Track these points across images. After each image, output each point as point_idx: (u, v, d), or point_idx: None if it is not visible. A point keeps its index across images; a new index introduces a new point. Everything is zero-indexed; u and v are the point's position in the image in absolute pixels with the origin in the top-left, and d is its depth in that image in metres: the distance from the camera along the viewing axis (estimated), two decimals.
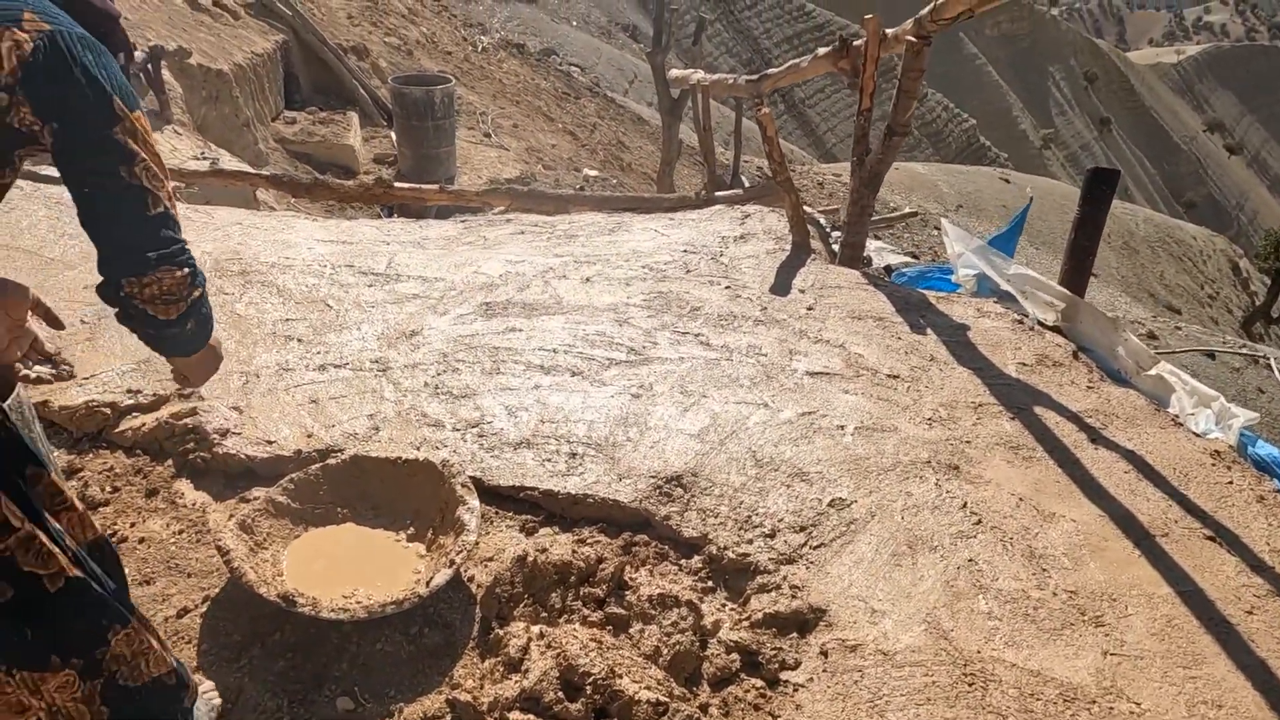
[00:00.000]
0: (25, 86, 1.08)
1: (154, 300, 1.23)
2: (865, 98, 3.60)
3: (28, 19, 1.08)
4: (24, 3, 1.10)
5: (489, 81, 13.33)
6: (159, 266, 1.20)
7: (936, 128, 35.00)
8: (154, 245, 1.20)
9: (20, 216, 3.79)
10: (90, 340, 2.91)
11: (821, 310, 3.27)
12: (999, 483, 2.33)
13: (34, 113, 1.10)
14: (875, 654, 1.80)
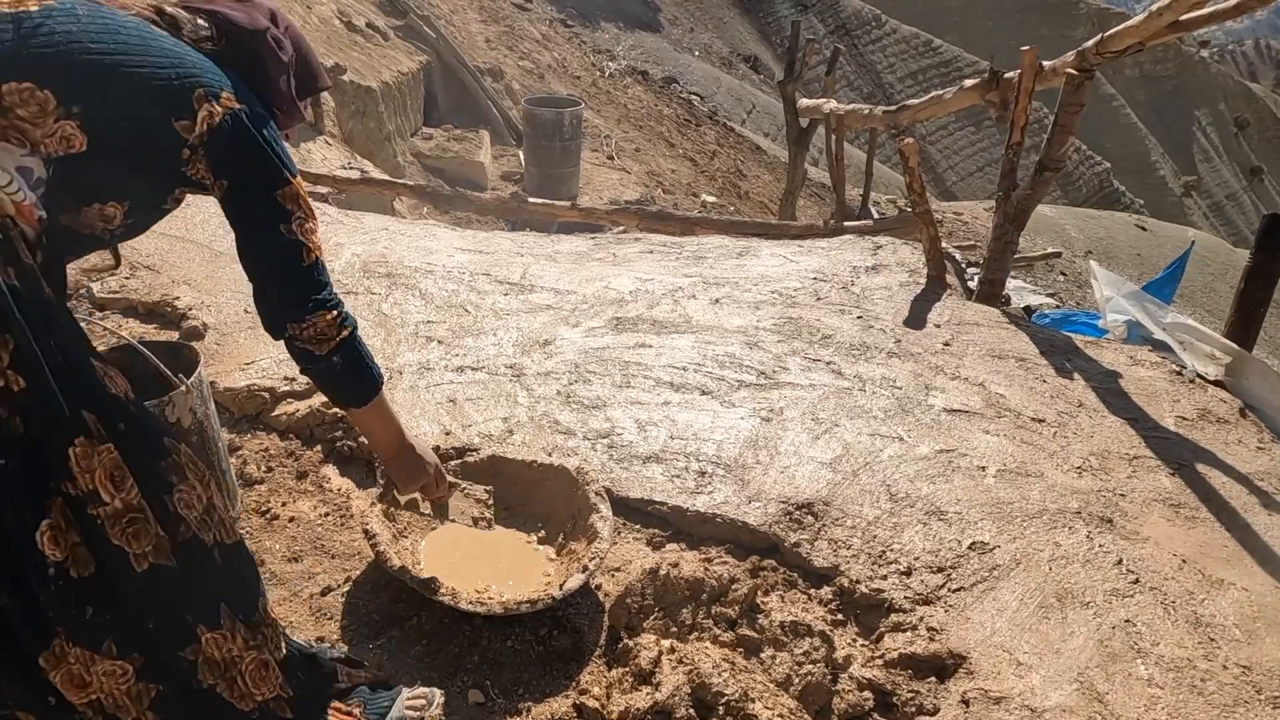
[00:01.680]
0: (208, 148, 1.22)
1: (310, 340, 1.36)
2: (1016, 131, 3.47)
3: (225, 96, 1.23)
4: (225, 82, 1.25)
5: (614, 106, 13.63)
6: (314, 312, 1.34)
7: (1068, 169, 33.50)
8: (308, 293, 1.34)
9: (195, 212, 4.10)
10: (253, 329, 3.11)
11: (959, 347, 3.15)
12: (1158, 541, 2.18)
13: (210, 169, 1.24)
14: (1022, 709, 1.70)
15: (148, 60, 1.15)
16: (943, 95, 4.51)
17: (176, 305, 3.22)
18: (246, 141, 1.25)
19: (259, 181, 1.28)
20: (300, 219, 1.32)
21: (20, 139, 1.04)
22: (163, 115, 1.17)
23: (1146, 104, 43.85)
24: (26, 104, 1.03)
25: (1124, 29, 2.90)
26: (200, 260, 3.62)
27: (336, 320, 1.38)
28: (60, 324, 1.11)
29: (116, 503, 1.12)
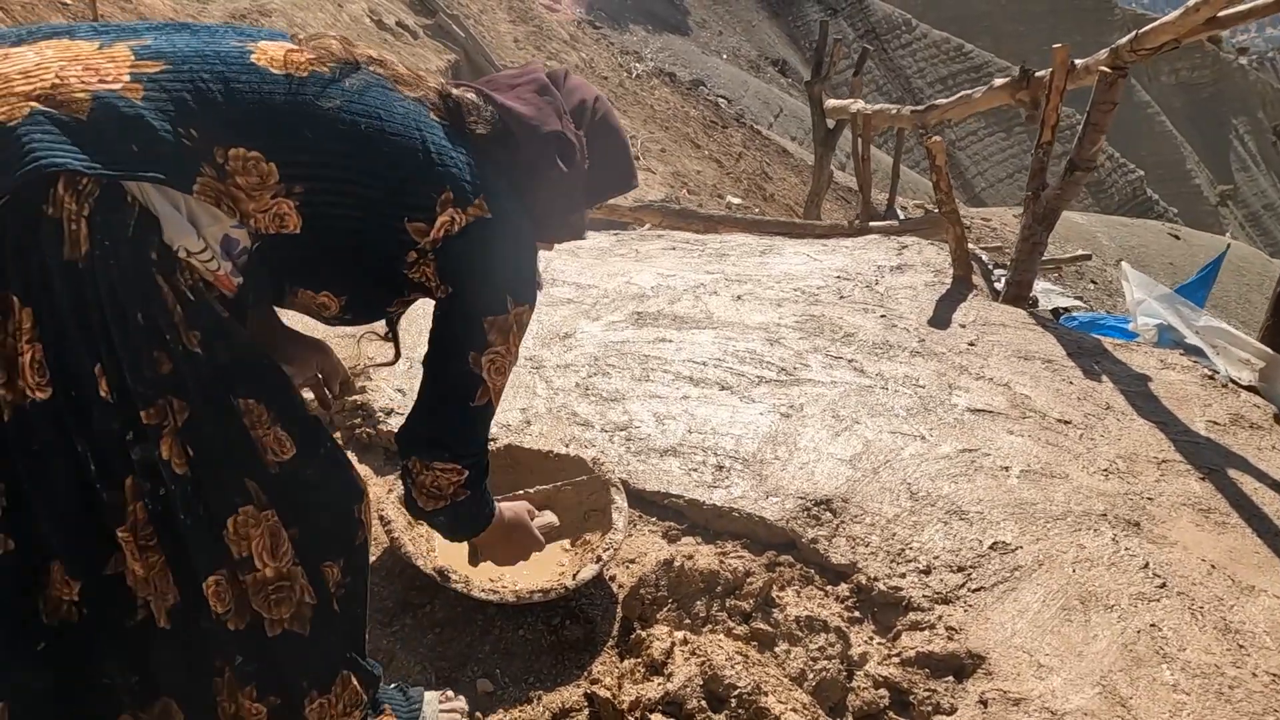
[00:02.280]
0: (439, 253, 1.09)
1: (422, 488, 1.20)
2: (1047, 130, 3.42)
3: (476, 203, 1.09)
4: (484, 186, 1.10)
5: (641, 107, 13.65)
6: (445, 460, 1.17)
7: (1099, 176, 33.00)
8: (456, 435, 1.18)
9: None
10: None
11: (984, 347, 3.11)
12: (1187, 546, 2.12)
13: (436, 274, 1.11)
14: (1042, 710, 1.66)
15: (398, 153, 1.03)
16: (972, 95, 4.46)
17: None
18: (483, 254, 1.10)
19: (477, 300, 1.12)
20: (496, 355, 1.15)
21: (232, 207, 0.94)
22: (395, 215, 1.05)
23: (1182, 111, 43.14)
24: (248, 173, 0.94)
25: (1159, 25, 2.84)
26: None
27: (462, 483, 1.19)
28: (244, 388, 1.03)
29: (268, 570, 1.07)
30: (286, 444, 1.07)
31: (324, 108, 0.98)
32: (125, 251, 0.88)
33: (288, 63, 0.99)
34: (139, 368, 0.91)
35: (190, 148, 0.91)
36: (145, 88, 0.89)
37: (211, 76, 0.93)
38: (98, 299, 0.87)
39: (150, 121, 0.88)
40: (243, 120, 0.93)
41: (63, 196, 0.84)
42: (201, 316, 0.95)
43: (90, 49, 0.91)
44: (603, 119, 1.26)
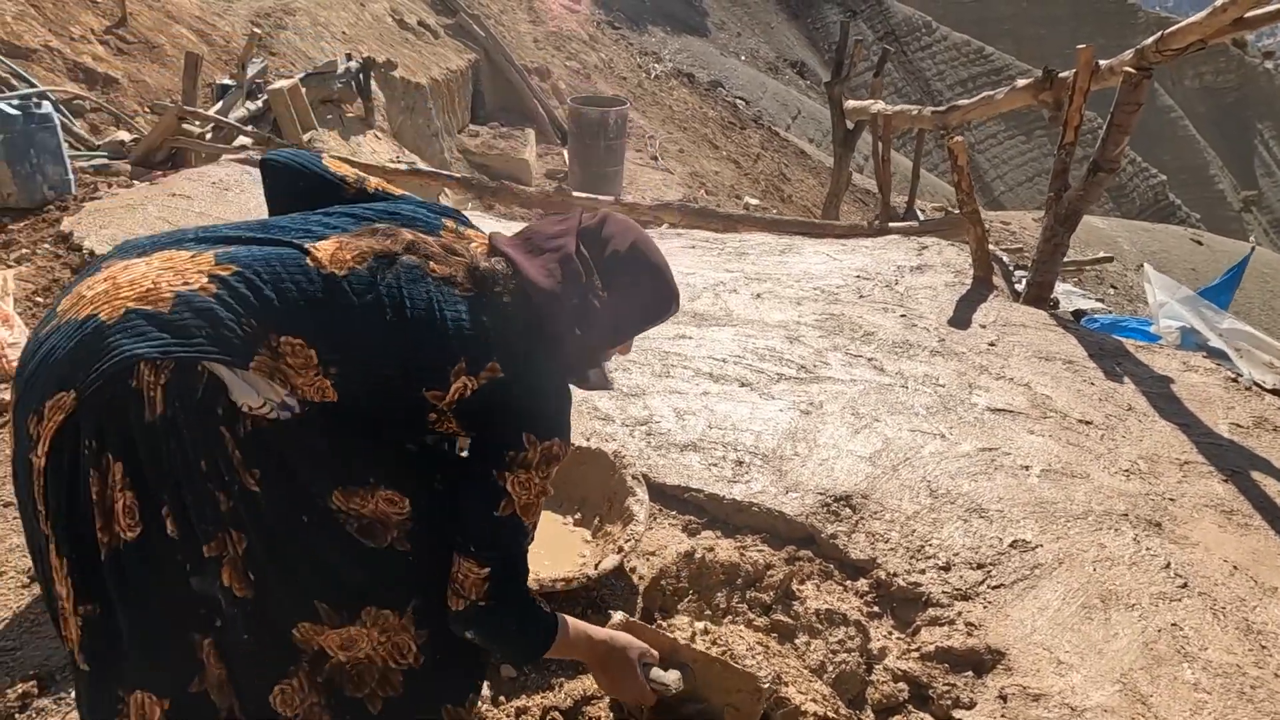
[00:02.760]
0: (456, 413, 1.23)
1: (453, 589, 1.23)
2: (1070, 131, 3.41)
3: (490, 367, 1.21)
4: (500, 352, 1.22)
5: (659, 107, 13.66)
6: (466, 555, 1.22)
7: (1121, 181, 32.66)
8: (476, 536, 1.23)
9: (249, 198, 4.21)
10: None
11: (1004, 347, 3.10)
12: (1209, 547, 2.12)
13: (458, 425, 1.25)
14: (1062, 707, 1.67)
15: (418, 334, 1.18)
16: (994, 95, 4.44)
17: None
18: (500, 408, 1.23)
19: (498, 440, 1.23)
20: (521, 478, 1.23)
21: (284, 381, 1.11)
22: (414, 387, 1.19)
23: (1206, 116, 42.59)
24: (295, 355, 1.11)
25: (1186, 25, 2.83)
26: None
27: (480, 580, 1.21)
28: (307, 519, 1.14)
29: (342, 656, 1.19)
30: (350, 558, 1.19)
31: (355, 303, 1.15)
32: (193, 410, 1.05)
33: (334, 261, 1.17)
34: (201, 507, 1.07)
35: (250, 334, 1.09)
36: (218, 286, 1.09)
37: (270, 278, 1.13)
38: (169, 451, 1.05)
39: (218, 313, 1.07)
40: (291, 314, 1.12)
41: (144, 372, 1.03)
42: (260, 457, 1.10)
43: (185, 257, 1.13)
44: (635, 262, 1.35)
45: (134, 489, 1.04)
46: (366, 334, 1.16)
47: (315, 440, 1.15)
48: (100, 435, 1.03)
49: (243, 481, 1.08)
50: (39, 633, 1.89)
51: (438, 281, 1.21)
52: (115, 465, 1.03)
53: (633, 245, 1.36)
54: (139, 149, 4.92)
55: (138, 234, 3.68)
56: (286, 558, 1.14)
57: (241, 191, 4.28)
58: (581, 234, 1.35)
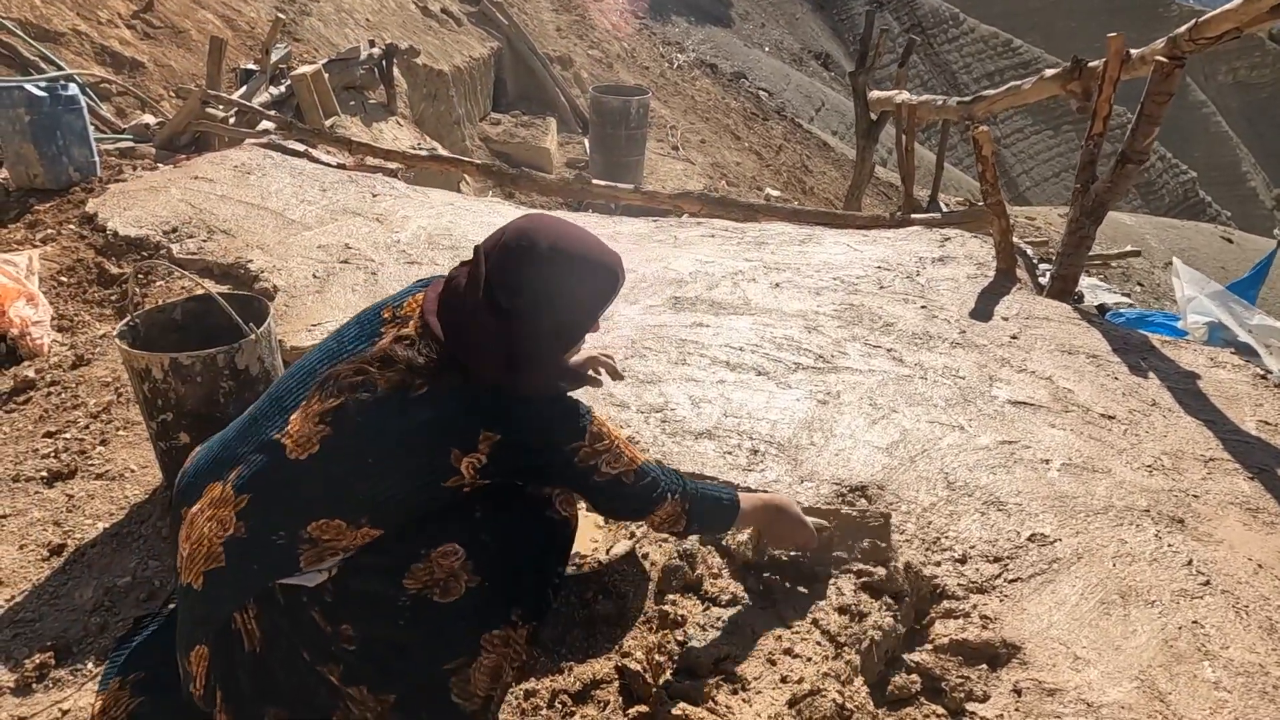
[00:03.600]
0: (485, 477, 1.34)
1: (662, 525, 1.52)
2: (1099, 121, 3.35)
3: (482, 439, 1.31)
4: (483, 420, 1.31)
5: (681, 98, 13.59)
6: (653, 509, 1.48)
7: (1150, 178, 32.14)
8: (644, 505, 1.47)
9: (270, 182, 4.24)
10: (319, 293, 3.19)
11: (1026, 340, 3.06)
12: (1233, 545, 2.07)
13: (498, 480, 1.37)
14: (1078, 702, 1.64)
15: (404, 455, 1.30)
16: (1021, 85, 4.37)
17: (249, 268, 3.33)
18: (521, 457, 1.34)
19: (551, 472, 1.39)
20: (604, 461, 1.39)
21: (334, 550, 1.30)
22: (434, 484, 1.32)
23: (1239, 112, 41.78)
24: (326, 531, 1.29)
25: (1220, 13, 2.76)
26: (274, 227, 3.74)
27: (678, 506, 1.50)
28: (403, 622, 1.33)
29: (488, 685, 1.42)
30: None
31: (340, 471, 1.30)
32: (281, 618, 1.29)
33: (307, 441, 1.31)
34: (318, 689, 1.30)
35: (285, 541, 1.29)
36: (243, 521, 1.30)
37: (267, 487, 1.31)
38: (273, 669, 1.29)
39: (254, 542, 1.29)
40: (301, 506, 1.30)
41: (236, 616, 1.29)
42: (342, 610, 1.30)
43: (223, 496, 1.33)
44: (549, 263, 1.35)
45: (229, 711, 1.32)
46: (365, 484, 1.29)
47: (374, 559, 1.31)
48: (218, 671, 1.31)
49: (341, 643, 1.28)
50: (58, 605, 1.92)
51: (389, 399, 1.31)
52: (219, 693, 1.32)
53: (545, 248, 1.36)
54: (163, 132, 4.96)
55: (161, 215, 3.71)
56: (403, 668, 1.31)
57: (263, 175, 4.31)
58: (499, 262, 1.36)
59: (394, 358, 1.33)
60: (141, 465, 2.35)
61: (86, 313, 3.21)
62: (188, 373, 1.99)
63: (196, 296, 2.25)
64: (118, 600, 1.91)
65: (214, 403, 2.03)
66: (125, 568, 2.00)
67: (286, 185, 4.22)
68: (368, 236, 3.73)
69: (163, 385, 2.00)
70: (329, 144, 5.13)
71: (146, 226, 3.63)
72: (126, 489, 2.26)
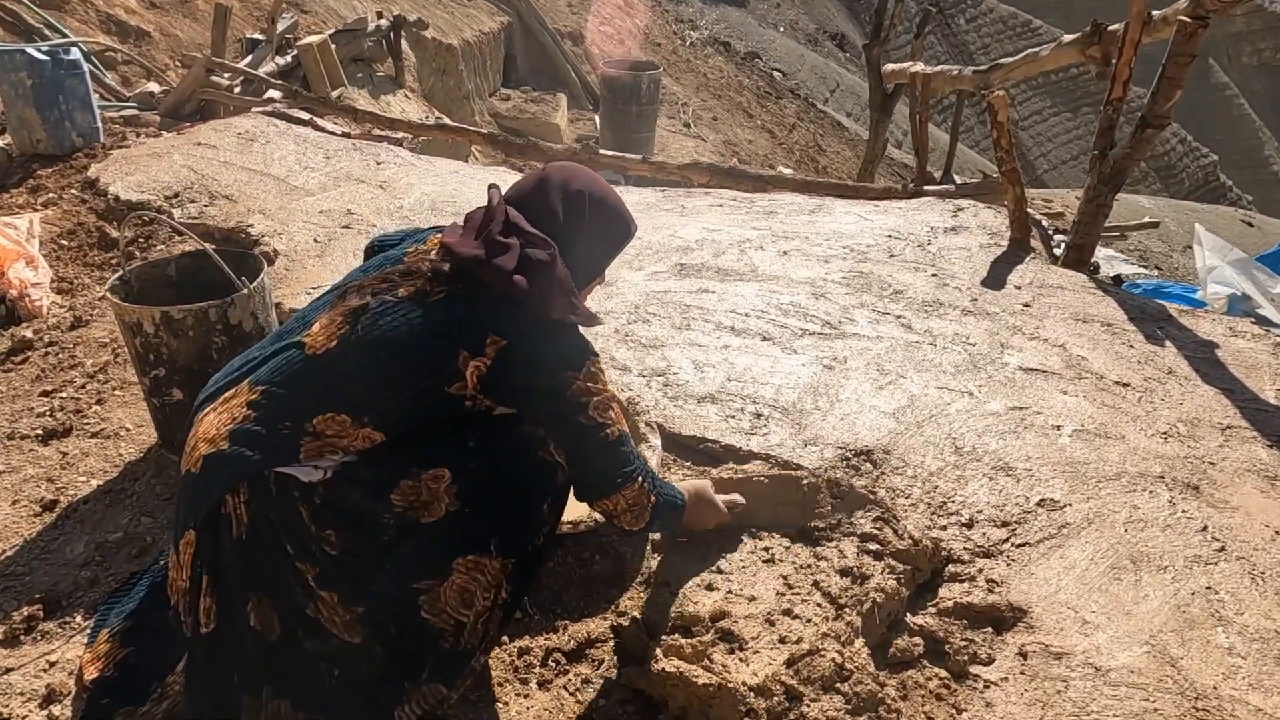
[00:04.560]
0: (486, 392, 1.36)
1: (624, 513, 1.48)
2: (1119, 86, 3.25)
3: (488, 342, 1.33)
4: (488, 327, 1.34)
5: (693, 75, 13.45)
6: (623, 486, 1.45)
7: (1169, 161, 31.62)
8: (614, 469, 1.44)
9: (274, 149, 4.20)
10: (320, 257, 3.16)
11: (1040, 309, 2.99)
12: (1250, 512, 2.01)
13: (494, 401, 1.38)
14: (1085, 666, 1.59)
15: (414, 355, 1.33)
16: (1038, 53, 4.26)
17: (250, 232, 3.30)
18: (520, 372, 1.35)
19: (545, 395, 1.38)
20: (593, 405, 1.39)
21: (334, 448, 1.32)
22: (437, 389, 1.34)
23: (1263, 94, 41.00)
24: (331, 426, 1.31)
25: None
26: (276, 192, 3.70)
27: (644, 488, 1.48)
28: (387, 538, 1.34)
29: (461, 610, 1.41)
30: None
31: (352, 363, 1.34)
32: (270, 507, 1.30)
33: (328, 337, 1.36)
34: (295, 587, 1.30)
35: (289, 432, 1.31)
36: (253, 410, 1.33)
37: (284, 381, 1.34)
38: (256, 556, 1.30)
39: (259, 430, 1.31)
40: (311, 399, 1.33)
41: (228, 500, 1.30)
42: (329, 514, 1.30)
43: (232, 396, 1.37)
44: (580, 202, 1.46)
45: (214, 595, 1.33)
46: (373, 379, 1.32)
47: (368, 472, 1.32)
48: (205, 557, 1.33)
49: (322, 546, 1.29)
50: (49, 559, 1.90)
51: (408, 301, 1.36)
52: (206, 578, 1.33)
53: (580, 185, 1.48)
54: (168, 100, 4.93)
55: (163, 180, 3.68)
56: (376, 584, 1.31)
57: (267, 143, 4.26)
58: (517, 199, 1.47)
59: (417, 268, 1.40)
60: (137, 424, 2.32)
61: (86, 275, 3.19)
62: (179, 327, 1.95)
63: (191, 252, 2.22)
64: (109, 555, 1.89)
65: (207, 358, 2.00)
66: (117, 524, 1.97)
67: (290, 152, 4.18)
68: (370, 203, 3.69)
69: (154, 340, 1.97)
70: (334, 113, 5.08)
71: (148, 191, 3.60)
72: (121, 447, 2.24)
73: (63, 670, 1.63)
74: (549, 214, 1.45)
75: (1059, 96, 34.31)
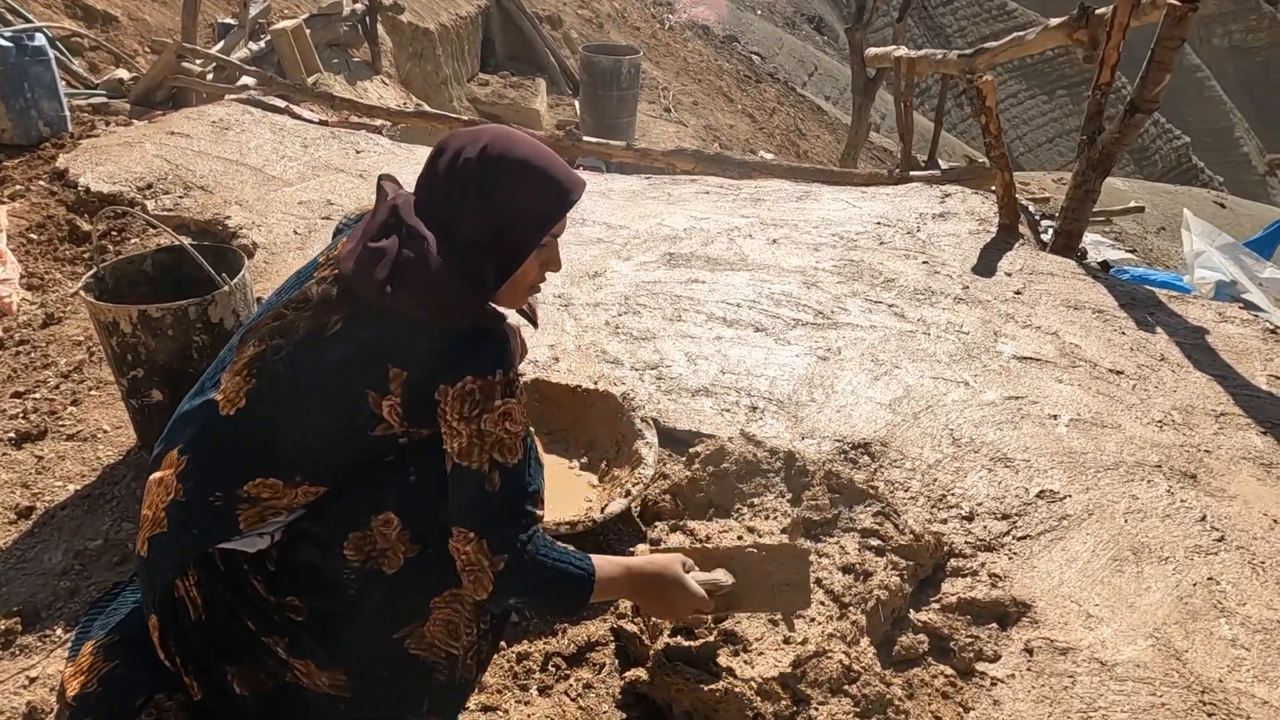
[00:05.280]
0: (413, 423, 1.20)
1: (464, 571, 1.19)
2: (1106, 70, 3.24)
3: (391, 378, 1.17)
4: (384, 359, 1.17)
5: (673, 59, 13.34)
6: (484, 531, 1.17)
7: (1143, 143, 31.90)
8: (480, 507, 1.17)
9: (249, 138, 4.09)
10: (300, 249, 3.08)
11: (1031, 296, 2.98)
12: (1247, 500, 2.01)
13: (429, 428, 1.21)
14: (1091, 661, 1.58)
15: (326, 401, 1.20)
16: (1024, 36, 4.24)
17: (227, 224, 3.21)
18: (428, 401, 1.17)
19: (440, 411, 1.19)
20: (491, 421, 1.16)
21: (275, 510, 1.23)
22: (362, 435, 1.20)
23: (1234, 76, 41.46)
24: (265, 490, 1.21)
25: None
26: (253, 183, 3.61)
27: (482, 550, 1.17)
28: (354, 592, 1.24)
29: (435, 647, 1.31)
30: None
31: (269, 423, 1.21)
32: (223, 587, 1.23)
33: (236, 395, 1.23)
34: (265, 661, 1.24)
35: (223, 503, 1.22)
36: (182, 484, 1.24)
37: (206, 447, 1.24)
38: (218, 632, 1.24)
39: (193, 504, 1.23)
40: (236, 466, 1.22)
41: (178, 584, 1.25)
42: (286, 581, 1.22)
43: (166, 462, 1.28)
44: (491, 170, 1.18)
45: (191, 674, 1.28)
46: (292, 439, 1.21)
47: (316, 528, 1.23)
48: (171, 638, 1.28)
49: (287, 614, 1.21)
50: (25, 569, 1.83)
51: (306, 343, 1.21)
52: (177, 658, 1.28)
53: (470, 155, 1.18)
54: (138, 87, 4.79)
55: (135, 171, 3.57)
56: (353, 642, 1.23)
57: (242, 131, 4.15)
58: (418, 182, 1.24)
59: (307, 296, 1.22)
60: (115, 426, 2.25)
61: (57, 270, 3.09)
62: (158, 325, 1.88)
63: (168, 248, 2.14)
64: (89, 564, 1.82)
65: (187, 358, 1.93)
66: (97, 530, 1.91)
67: (266, 141, 4.07)
68: (351, 192, 3.60)
69: (132, 339, 1.90)
70: (311, 100, 4.97)
71: (120, 182, 3.49)
72: (99, 450, 2.17)
73: (44, 686, 1.57)
74: (438, 192, 1.20)
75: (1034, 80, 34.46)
